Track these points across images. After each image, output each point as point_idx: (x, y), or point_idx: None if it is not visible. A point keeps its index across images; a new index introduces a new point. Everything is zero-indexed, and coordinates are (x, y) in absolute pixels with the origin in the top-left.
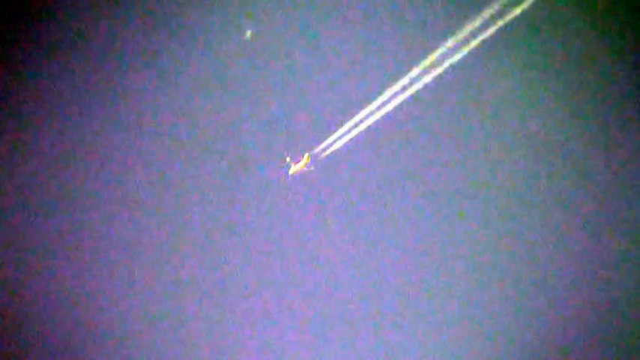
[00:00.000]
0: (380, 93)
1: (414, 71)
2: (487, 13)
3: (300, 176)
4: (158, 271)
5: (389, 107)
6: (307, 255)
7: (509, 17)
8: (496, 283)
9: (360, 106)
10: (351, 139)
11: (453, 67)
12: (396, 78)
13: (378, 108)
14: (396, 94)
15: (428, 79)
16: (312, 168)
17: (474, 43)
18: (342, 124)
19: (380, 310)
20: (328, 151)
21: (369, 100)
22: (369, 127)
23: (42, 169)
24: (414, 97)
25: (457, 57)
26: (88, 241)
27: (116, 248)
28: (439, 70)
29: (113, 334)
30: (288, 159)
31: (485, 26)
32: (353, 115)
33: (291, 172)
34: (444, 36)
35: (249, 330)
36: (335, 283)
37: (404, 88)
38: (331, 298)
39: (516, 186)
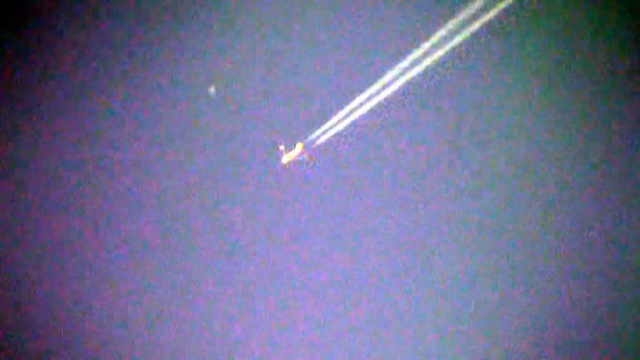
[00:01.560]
0: (372, 83)
1: (405, 62)
2: (474, 6)
3: (294, 165)
4: (152, 264)
5: (380, 97)
6: (299, 244)
7: (496, 10)
8: (490, 281)
9: (352, 96)
10: (343, 129)
11: (443, 57)
12: (387, 69)
13: (370, 98)
14: (387, 85)
15: (419, 69)
16: (306, 157)
17: (462, 35)
18: (334, 114)
19: (370, 302)
20: (321, 140)
21: (361, 90)
22: (361, 117)
23: (41, 169)
24: (406, 88)
25: (447, 48)
26: (85, 238)
27: (108, 241)
28: (429, 60)
29: (111, 333)
30: (282, 147)
31: (472, 19)
32: (345, 105)
33: (284, 160)
34: (433, 28)
35: (242, 324)
36: (325, 272)
37: (395, 79)
38: (323, 290)
39: (505, 182)
